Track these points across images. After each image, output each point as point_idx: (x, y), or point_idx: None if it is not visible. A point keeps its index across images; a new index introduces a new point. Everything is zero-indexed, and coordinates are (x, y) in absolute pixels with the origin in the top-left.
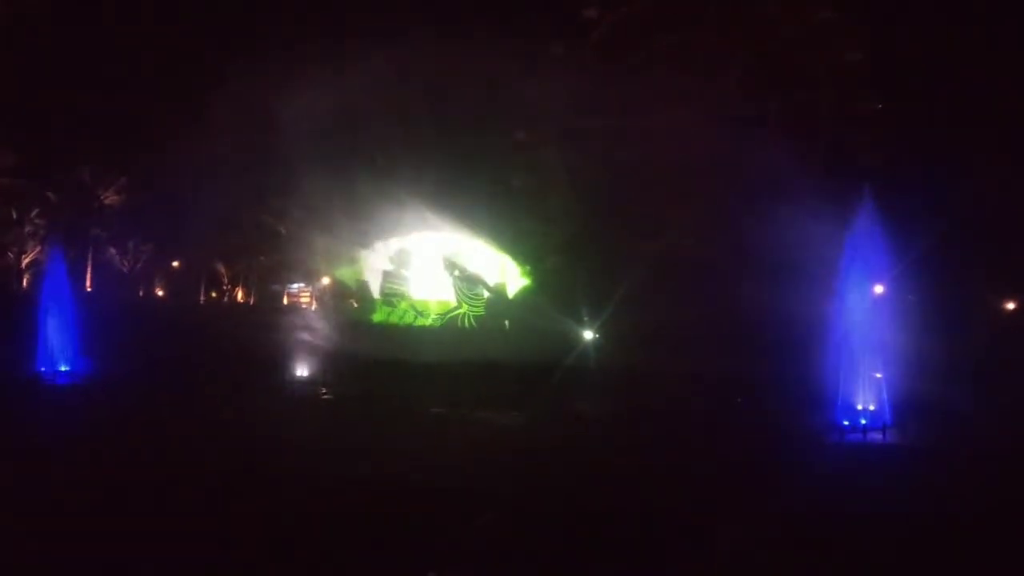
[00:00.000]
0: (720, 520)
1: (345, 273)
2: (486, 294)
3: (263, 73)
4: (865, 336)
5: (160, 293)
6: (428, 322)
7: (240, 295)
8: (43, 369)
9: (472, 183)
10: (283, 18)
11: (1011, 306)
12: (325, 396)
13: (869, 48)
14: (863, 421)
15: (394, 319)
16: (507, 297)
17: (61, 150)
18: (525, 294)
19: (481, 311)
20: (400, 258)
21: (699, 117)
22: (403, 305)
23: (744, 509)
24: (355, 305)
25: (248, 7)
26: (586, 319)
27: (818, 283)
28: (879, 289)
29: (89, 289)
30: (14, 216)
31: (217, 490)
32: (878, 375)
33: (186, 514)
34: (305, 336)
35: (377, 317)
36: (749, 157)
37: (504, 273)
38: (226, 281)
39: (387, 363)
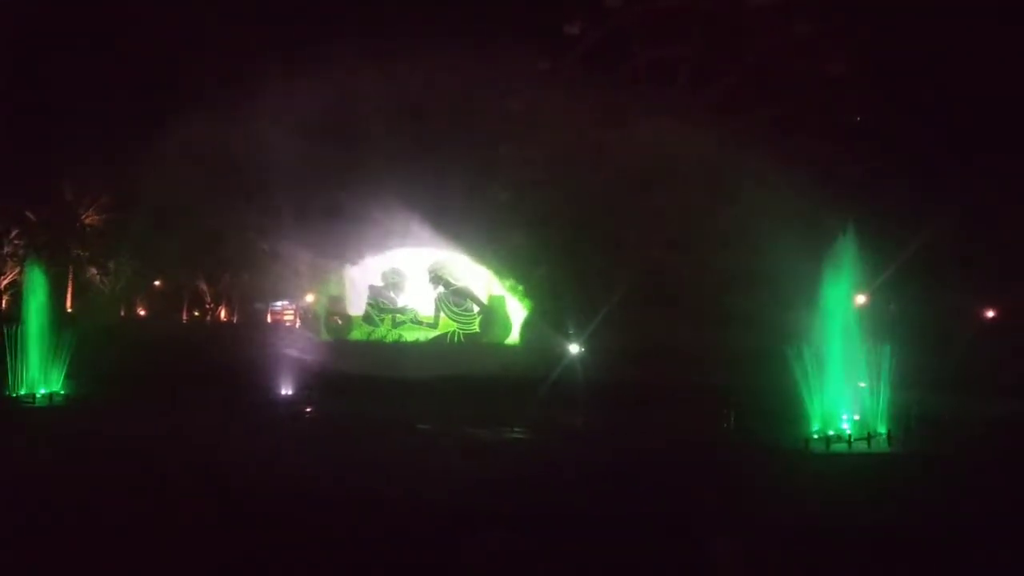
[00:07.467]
0: (702, 536)
1: (329, 290)
2: (476, 309)
3: (248, 89)
4: (847, 345)
5: (142, 312)
6: (415, 338)
7: (223, 314)
8: (22, 393)
9: (459, 195)
10: (269, 33)
11: (991, 313)
12: (309, 413)
13: (849, 59)
14: (848, 431)
15: (377, 336)
16: (499, 312)
17: (41, 167)
18: (522, 309)
19: (470, 327)
20: (387, 274)
21: (685, 128)
22: (388, 321)
23: (727, 524)
24: (339, 322)
25: (239, 22)
26: (572, 332)
27: (802, 293)
28: (861, 298)
29: (70, 310)
30: None
31: (209, 507)
32: (862, 384)
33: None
34: (288, 353)
35: (357, 334)
36: (732, 167)
37: (493, 287)
38: (209, 300)
39: (372, 380)
